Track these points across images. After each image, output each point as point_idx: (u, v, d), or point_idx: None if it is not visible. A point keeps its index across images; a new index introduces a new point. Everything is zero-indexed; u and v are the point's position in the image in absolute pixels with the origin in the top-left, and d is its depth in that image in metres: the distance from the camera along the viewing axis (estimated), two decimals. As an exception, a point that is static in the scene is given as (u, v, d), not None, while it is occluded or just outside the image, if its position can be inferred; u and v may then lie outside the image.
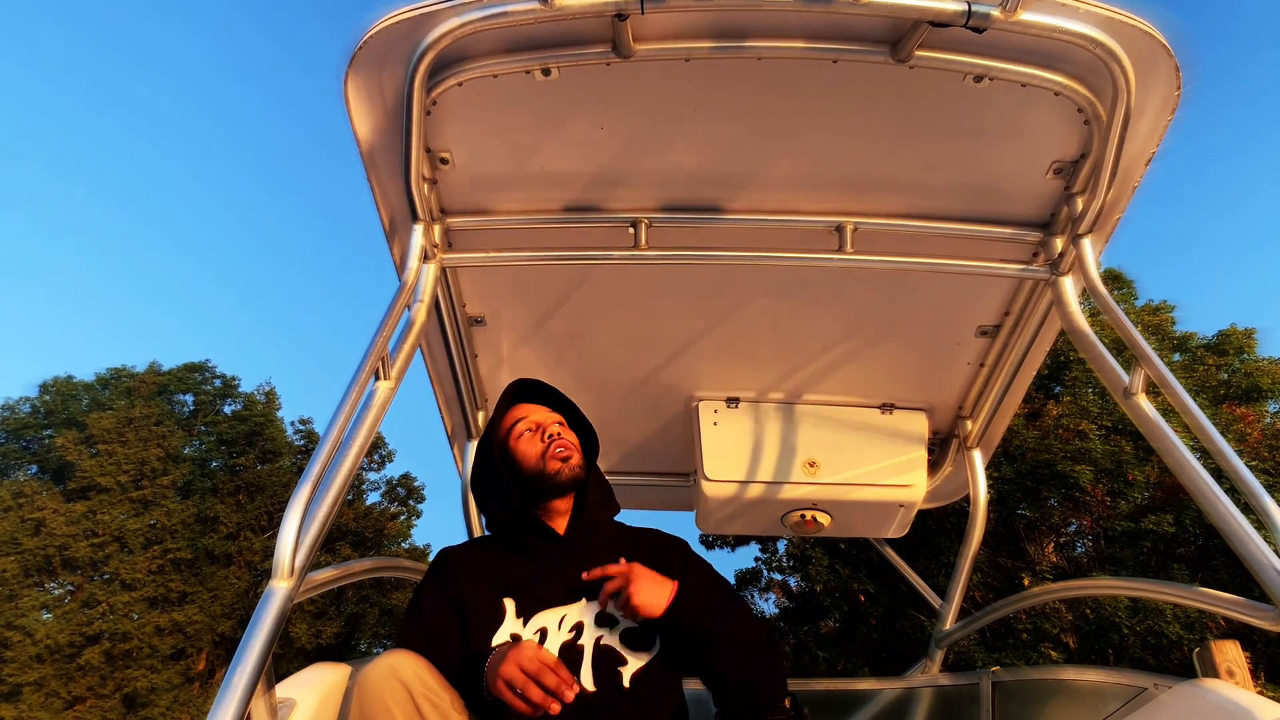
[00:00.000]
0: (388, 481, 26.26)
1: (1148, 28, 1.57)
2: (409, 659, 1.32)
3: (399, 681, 1.27)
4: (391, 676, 1.28)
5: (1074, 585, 4.15)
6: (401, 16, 1.58)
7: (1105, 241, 2.00)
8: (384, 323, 1.67)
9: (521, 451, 1.70)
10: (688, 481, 3.03)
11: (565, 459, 1.67)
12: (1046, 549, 12.58)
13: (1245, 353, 12.91)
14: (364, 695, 1.27)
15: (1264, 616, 1.39)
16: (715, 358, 2.51)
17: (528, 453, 1.69)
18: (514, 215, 2.06)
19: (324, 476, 1.35)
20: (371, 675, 1.29)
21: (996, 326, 2.36)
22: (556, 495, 1.68)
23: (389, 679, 1.27)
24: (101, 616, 20.40)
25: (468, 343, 2.44)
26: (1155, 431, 1.61)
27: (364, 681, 1.28)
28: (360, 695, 1.27)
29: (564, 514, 1.70)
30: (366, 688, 1.27)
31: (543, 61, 1.70)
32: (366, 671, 1.30)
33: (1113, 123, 1.68)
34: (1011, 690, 2.08)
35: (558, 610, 1.57)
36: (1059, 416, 11.95)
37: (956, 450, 2.76)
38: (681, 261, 2.09)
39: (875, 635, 13.38)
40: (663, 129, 1.87)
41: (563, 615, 1.56)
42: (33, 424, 23.82)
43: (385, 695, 1.26)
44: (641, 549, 1.68)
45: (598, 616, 1.56)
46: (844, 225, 2.03)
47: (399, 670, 1.29)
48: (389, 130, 1.80)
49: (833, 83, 1.75)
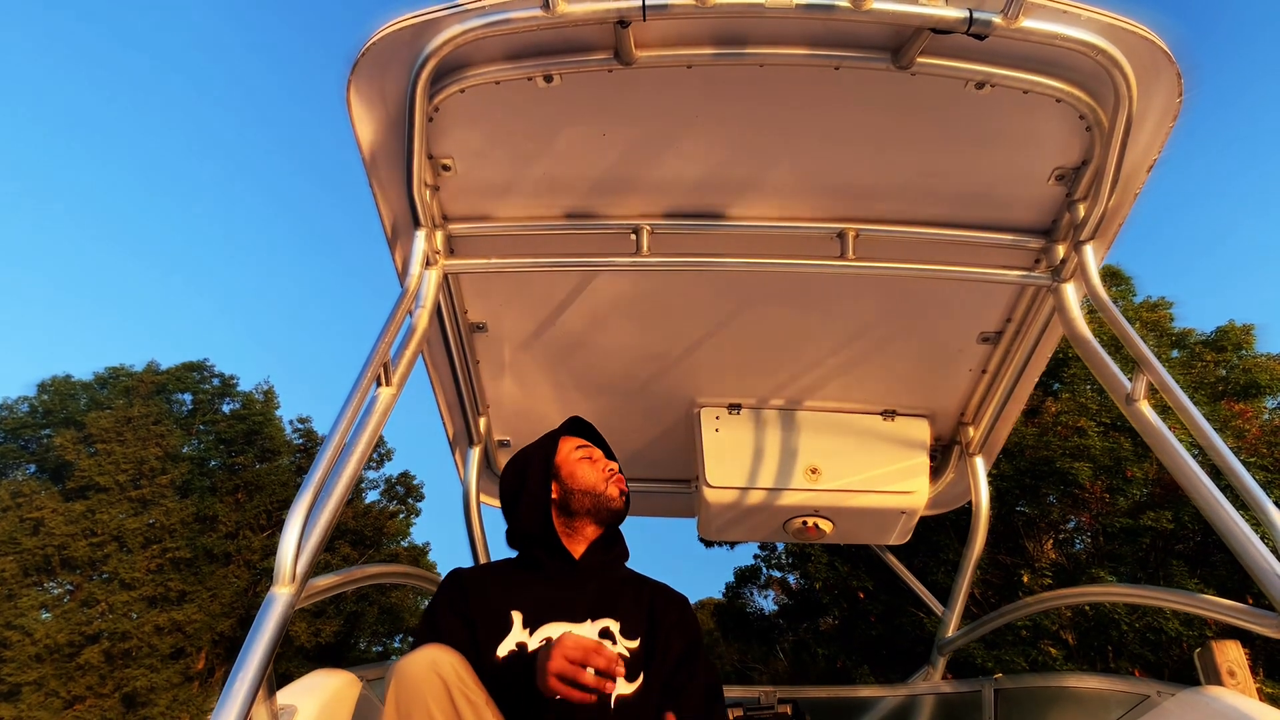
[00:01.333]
0: (387, 480, 26.26)
1: (1149, 35, 1.56)
2: (448, 654, 1.30)
3: (438, 676, 1.25)
4: (431, 670, 1.26)
5: (1076, 592, 4.16)
6: (404, 23, 1.58)
7: (1107, 248, 1.99)
8: (386, 329, 1.66)
9: (581, 470, 1.77)
10: (689, 488, 3.03)
11: (624, 493, 1.78)
12: (1045, 546, 12.60)
13: (1244, 349, 12.92)
14: (402, 687, 1.25)
15: (1266, 623, 1.39)
16: (717, 364, 2.50)
17: (588, 473, 1.77)
18: (516, 221, 2.05)
19: (326, 482, 1.35)
20: (410, 668, 1.26)
21: (998, 333, 2.36)
22: (598, 520, 1.74)
23: (428, 673, 1.25)
24: (100, 616, 20.39)
25: (469, 349, 2.43)
26: (1157, 437, 1.61)
27: (403, 674, 1.26)
28: (398, 687, 1.25)
29: (586, 540, 1.73)
30: (405, 680, 1.25)
31: (545, 68, 1.69)
32: (405, 664, 1.27)
33: (1114, 129, 1.68)
34: (1014, 698, 2.08)
35: (563, 625, 1.58)
36: (1058, 413, 11.96)
37: (958, 457, 2.76)
38: (683, 268, 2.09)
39: (875, 633, 13.41)
40: (664, 135, 1.87)
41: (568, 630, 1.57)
42: (31, 423, 23.77)
43: (424, 689, 1.24)
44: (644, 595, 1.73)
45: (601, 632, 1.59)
46: (846, 232, 2.02)
47: (438, 664, 1.27)
48: (391, 136, 1.79)
49: (834, 89, 1.74)
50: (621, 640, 1.60)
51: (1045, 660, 10.47)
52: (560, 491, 1.75)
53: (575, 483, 1.75)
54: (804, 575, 16.93)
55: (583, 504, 1.73)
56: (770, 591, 19.76)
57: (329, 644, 21.44)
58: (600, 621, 1.61)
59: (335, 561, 21.44)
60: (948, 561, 11.42)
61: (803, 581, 17.87)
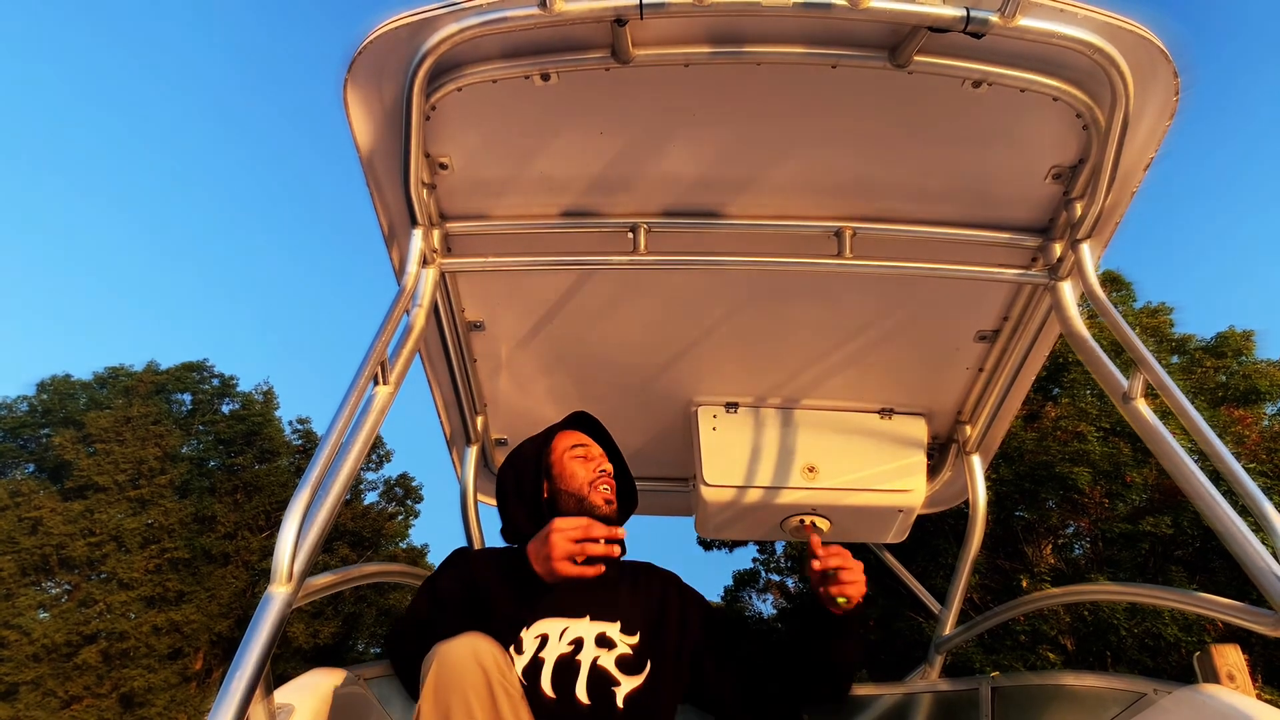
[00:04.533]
0: (385, 481, 26.27)
1: (1146, 33, 1.57)
2: (489, 644, 1.28)
3: (479, 665, 1.24)
4: (473, 659, 1.24)
5: (1074, 590, 4.15)
6: (401, 22, 1.58)
7: (1104, 247, 2.00)
8: (383, 327, 1.66)
9: (572, 469, 1.75)
10: (687, 486, 3.02)
11: (609, 500, 1.75)
12: (1044, 551, 12.60)
13: (1244, 355, 12.94)
14: (443, 674, 1.23)
15: (1264, 622, 1.39)
16: (714, 363, 2.50)
17: (576, 472, 1.75)
18: (513, 220, 2.05)
19: (323, 481, 1.35)
20: (452, 655, 1.25)
21: (995, 331, 2.36)
22: None
23: (470, 661, 1.24)
24: (98, 616, 20.39)
25: (467, 347, 2.43)
26: (1154, 437, 1.61)
27: (444, 660, 1.24)
28: (439, 673, 1.23)
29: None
30: (446, 667, 1.24)
31: (542, 66, 1.70)
32: (447, 649, 1.26)
33: (1111, 128, 1.68)
34: (1011, 696, 2.07)
35: (561, 620, 1.58)
36: (1057, 418, 11.97)
37: (956, 455, 2.76)
38: (680, 266, 2.09)
39: (873, 637, 13.39)
40: (662, 134, 1.87)
41: (565, 627, 1.57)
42: (30, 423, 23.79)
43: (465, 677, 1.22)
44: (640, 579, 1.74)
45: (598, 637, 1.57)
46: (843, 230, 2.03)
47: (480, 654, 1.25)
48: (388, 135, 1.79)
49: (831, 88, 1.75)
50: (622, 639, 1.59)
51: (1044, 666, 10.46)
52: (550, 491, 1.74)
53: (564, 483, 1.74)
54: (802, 579, 16.91)
55: (569, 505, 1.70)
56: (769, 595, 19.77)
57: (327, 645, 21.43)
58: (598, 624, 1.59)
59: (334, 563, 21.44)
60: (946, 565, 11.42)
61: (801, 585, 17.86)
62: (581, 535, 1.38)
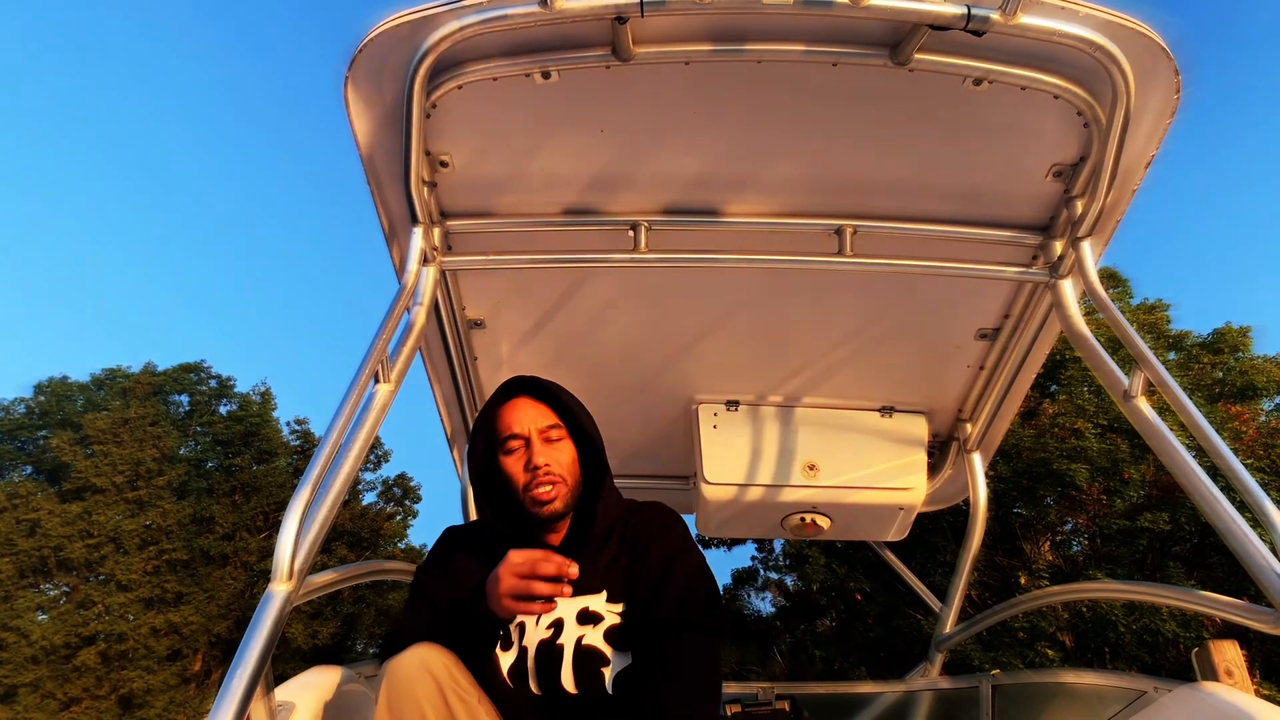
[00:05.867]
0: (384, 481, 26.25)
1: (1147, 31, 1.57)
2: (438, 653, 1.28)
3: (429, 675, 1.24)
4: (422, 669, 1.24)
5: (1074, 588, 4.16)
6: (401, 20, 1.58)
7: (1105, 244, 2.00)
8: (383, 326, 1.66)
9: (509, 471, 1.57)
10: (687, 484, 3.03)
11: (547, 501, 1.52)
12: (1043, 548, 12.62)
13: (1240, 351, 12.95)
14: (394, 687, 1.23)
15: (1264, 620, 1.39)
16: (715, 361, 2.50)
17: (514, 474, 1.56)
18: (514, 218, 2.05)
19: (323, 479, 1.35)
20: (402, 667, 1.25)
21: (996, 329, 2.36)
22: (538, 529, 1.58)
23: (420, 672, 1.24)
24: (97, 617, 20.34)
25: (467, 345, 2.43)
26: (1155, 434, 1.61)
27: (394, 673, 1.25)
28: (390, 687, 1.24)
29: (560, 531, 1.60)
30: (397, 680, 1.24)
31: (542, 64, 1.69)
32: (396, 664, 1.26)
33: (1112, 126, 1.68)
34: (1011, 693, 2.08)
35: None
36: (1055, 415, 11.98)
37: (956, 453, 2.76)
38: (681, 264, 2.09)
39: (872, 634, 13.42)
40: (662, 132, 1.87)
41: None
42: (28, 425, 23.73)
43: (416, 688, 1.23)
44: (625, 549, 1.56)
45: (580, 613, 1.49)
46: (844, 228, 2.02)
47: (429, 664, 1.25)
48: (389, 133, 1.79)
49: (832, 86, 1.74)
50: (608, 609, 1.49)
51: (1043, 663, 10.48)
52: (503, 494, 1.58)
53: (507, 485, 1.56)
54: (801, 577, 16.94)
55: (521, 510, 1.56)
56: (768, 594, 19.79)
57: (326, 645, 21.41)
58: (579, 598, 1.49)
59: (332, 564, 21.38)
60: (945, 564, 11.43)
61: (800, 583, 17.88)
62: (528, 573, 1.30)
